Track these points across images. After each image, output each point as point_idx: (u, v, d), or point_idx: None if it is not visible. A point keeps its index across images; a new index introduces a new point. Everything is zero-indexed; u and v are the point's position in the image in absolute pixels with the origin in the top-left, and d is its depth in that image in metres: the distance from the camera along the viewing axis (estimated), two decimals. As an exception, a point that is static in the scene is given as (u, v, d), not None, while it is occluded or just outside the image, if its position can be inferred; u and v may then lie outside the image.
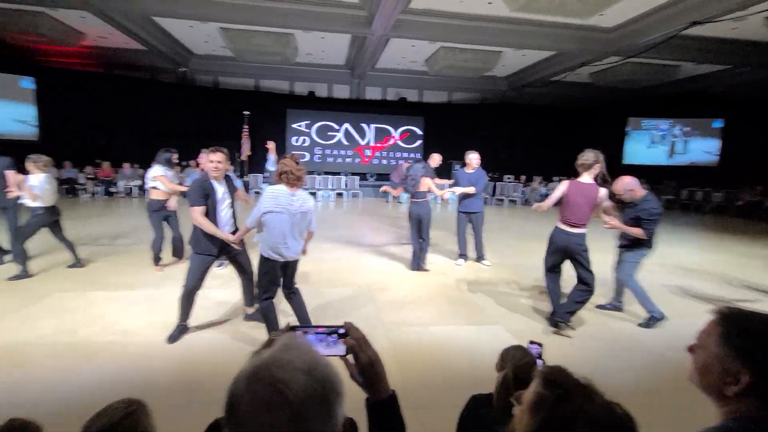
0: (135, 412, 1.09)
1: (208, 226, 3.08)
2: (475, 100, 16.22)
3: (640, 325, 3.74)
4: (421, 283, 4.82)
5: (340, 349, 0.79)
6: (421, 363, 2.97)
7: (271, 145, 7.09)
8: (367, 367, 0.79)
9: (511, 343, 1.76)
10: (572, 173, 3.57)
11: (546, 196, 17.02)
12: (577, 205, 3.43)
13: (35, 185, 4.39)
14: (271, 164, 7.19)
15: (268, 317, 3.07)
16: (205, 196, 3.08)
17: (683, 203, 14.05)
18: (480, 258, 5.74)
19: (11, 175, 4.62)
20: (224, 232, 3.14)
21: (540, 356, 1.78)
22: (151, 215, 4.87)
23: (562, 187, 3.53)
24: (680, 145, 15.27)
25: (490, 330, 3.60)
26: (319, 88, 15.24)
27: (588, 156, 3.44)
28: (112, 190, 12.22)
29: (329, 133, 15.36)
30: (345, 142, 15.49)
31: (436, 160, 7.17)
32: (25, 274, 4.41)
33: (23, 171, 4.56)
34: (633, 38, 9.16)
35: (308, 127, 15.19)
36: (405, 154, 15.72)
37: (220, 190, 3.20)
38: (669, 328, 3.67)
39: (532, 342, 1.83)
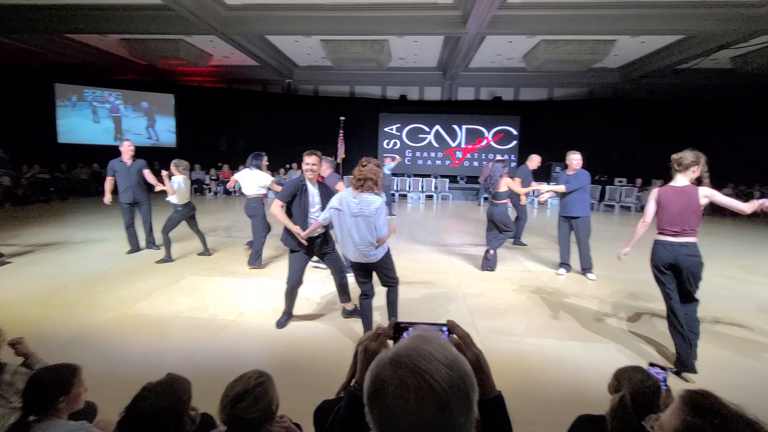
0: (264, 383, 1.28)
1: (281, 217, 3.23)
2: (580, 95, 14.86)
3: None
4: (517, 290, 4.57)
5: None
6: (518, 375, 2.81)
7: (396, 158, 9.50)
8: (474, 365, 0.78)
9: (622, 365, 1.59)
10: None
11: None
12: (676, 210, 2.83)
13: (175, 184, 5.23)
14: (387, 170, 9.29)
15: (362, 313, 3.22)
16: (292, 195, 3.25)
17: None
18: (585, 269, 5.16)
19: (148, 173, 5.65)
20: (294, 225, 3.22)
21: (664, 382, 1.57)
22: (260, 214, 5.27)
23: (651, 196, 2.99)
24: None
25: (596, 348, 3.25)
26: (411, 91, 15.46)
27: (686, 155, 2.85)
28: (230, 189, 13.96)
29: (420, 136, 15.47)
30: (435, 144, 15.45)
31: (534, 161, 6.73)
32: (168, 259, 5.29)
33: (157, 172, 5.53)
34: (794, 10, 7.50)
35: (399, 130, 15.50)
36: (498, 156, 15.11)
37: (314, 193, 3.32)
38: None
39: (653, 364, 1.63)
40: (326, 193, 3.36)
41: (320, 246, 3.40)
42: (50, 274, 4.64)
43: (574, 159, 5.09)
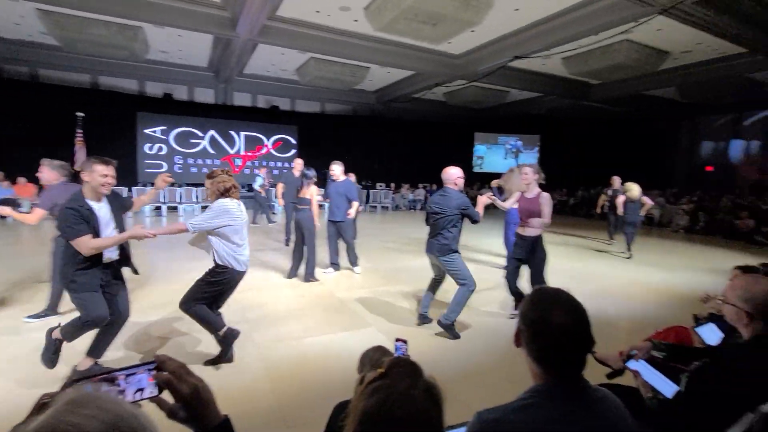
0: None
1: (104, 243, 2.52)
2: (346, 111, 16.77)
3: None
4: (297, 295, 4.76)
5: (152, 389, 0.70)
6: (297, 378, 2.90)
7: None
8: (191, 398, 0.70)
9: (385, 344, 1.85)
10: (434, 182, 3.92)
11: (413, 201, 18.25)
12: None
13: None
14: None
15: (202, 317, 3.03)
16: (86, 222, 2.44)
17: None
18: (353, 264, 5.89)
19: None
20: (116, 236, 2.60)
21: (405, 353, 1.92)
22: None
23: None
24: (522, 157, 18.41)
25: (363, 333, 3.73)
26: (178, 90, 13.74)
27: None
28: None
29: (192, 141, 13.96)
30: (211, 151, 14.28)
31: (297, 166, 6.98)
32: None
33: None
34: (475, 65, 10.75)
35: (165, 133, 13.53)
36: (279, 164, 15.30)
37: (104, 210, 2.61)
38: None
39: (398, 339, 1.94)
40: (119, 206, 2.76)
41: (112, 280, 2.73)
42: None
43: (335, 170, 5.54)
